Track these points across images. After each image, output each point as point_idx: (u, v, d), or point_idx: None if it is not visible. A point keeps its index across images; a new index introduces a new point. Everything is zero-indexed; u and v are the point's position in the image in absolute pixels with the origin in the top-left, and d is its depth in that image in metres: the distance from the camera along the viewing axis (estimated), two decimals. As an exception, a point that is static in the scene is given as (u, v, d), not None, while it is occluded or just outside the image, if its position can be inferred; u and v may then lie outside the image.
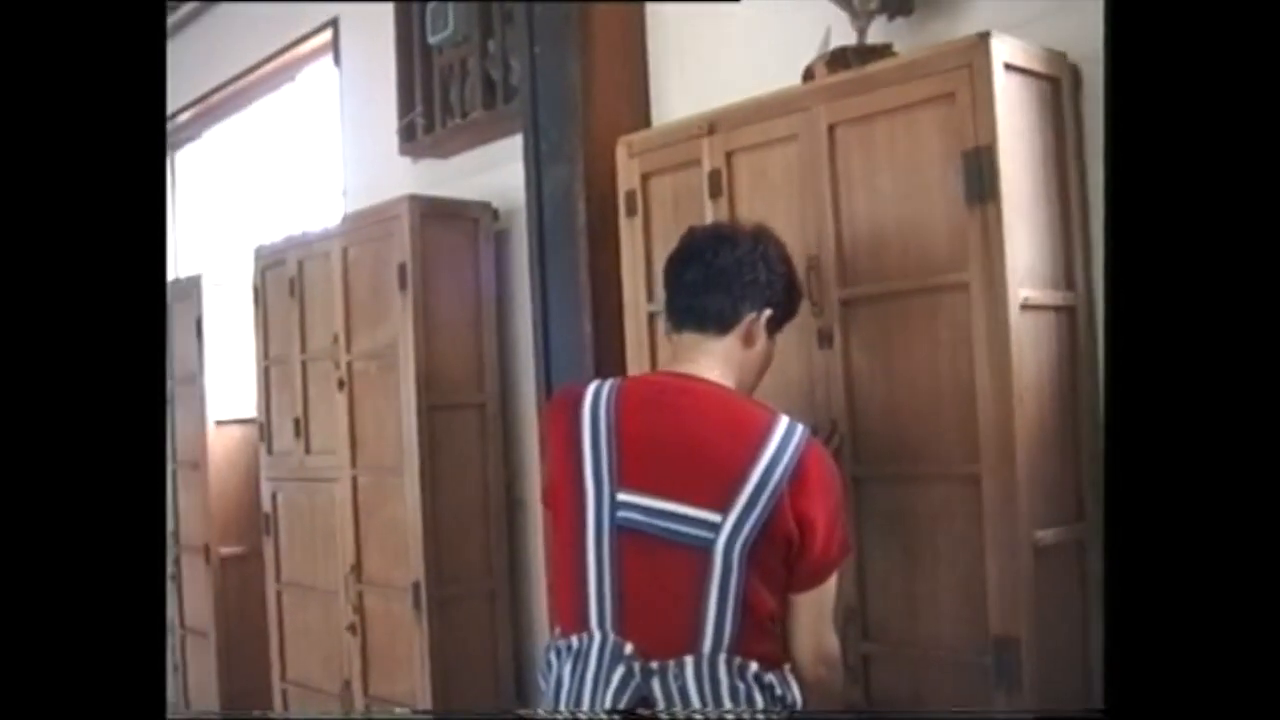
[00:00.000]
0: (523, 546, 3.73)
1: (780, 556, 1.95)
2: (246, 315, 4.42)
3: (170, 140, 6.14)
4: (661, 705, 1.90)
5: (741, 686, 1.92)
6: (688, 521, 1.93)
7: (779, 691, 1.96)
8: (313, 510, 4.08)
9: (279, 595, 4.29)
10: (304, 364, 4.06)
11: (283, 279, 4.13)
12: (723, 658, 1.91)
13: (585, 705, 1.95)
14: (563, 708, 1.99)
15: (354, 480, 3.83)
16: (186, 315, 4.94)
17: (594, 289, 3.17)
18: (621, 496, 1.97)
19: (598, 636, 1.96)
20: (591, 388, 2.07)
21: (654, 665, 1.92)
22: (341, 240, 3.85)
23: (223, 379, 4.83)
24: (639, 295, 2.88)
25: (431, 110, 3.93)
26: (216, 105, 5.62)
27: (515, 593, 3.74)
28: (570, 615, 2.02)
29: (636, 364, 2.86)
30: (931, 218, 2.29)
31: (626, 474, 1.97)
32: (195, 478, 4.93)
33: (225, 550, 4.82)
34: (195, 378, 4.88)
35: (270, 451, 4.30)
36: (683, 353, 2.10)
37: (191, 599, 5.03)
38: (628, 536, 1.96)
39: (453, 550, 3.62)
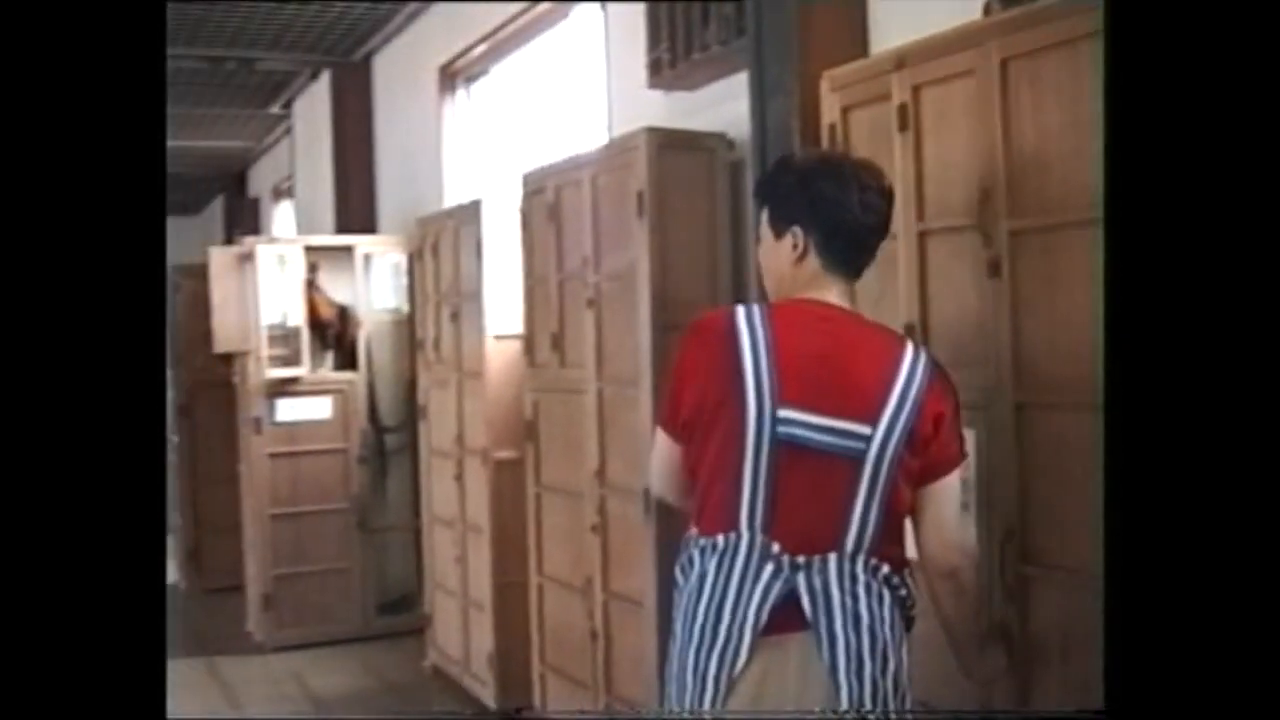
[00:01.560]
0: (747, 460, 3.93)
1: (916, 453, 2.19)
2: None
3: (465, 74, 6.60)
4: (806, 600, 2.16)
5: (874, 584, 2.18)
6: (843, 435, 2.17)
7: (903, 592, 2.22)
8: (566, 419, 4.41)
9: (538, 497, 4.66)
10: (560, 283, 4.38)
11: (543, 205, 4.45)
12: (861, 558, 2.17)
13: (731, 598, 2.19)
14: (705, 599, 2.22)
15: (599, 392, 4.13)
16: (470, 238, 5.34)
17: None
18: (782, 413, 2.18)
19: (746, 536, 2.19)
20: (741, 313, 2.27)
21: (800, 561, 2.16)
22: (591, 169, 4.12)
23: (501, 296, 5.20)
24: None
25: (675, 45, 4.12)
26: (502, 42, 6.00)
27: (740, 504, 3.95)
28: (718, 517, 2.23)
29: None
30: (1093, 151, 2.33)
31: (785, 391, 2.18)
32: (476, 387, 5.35)
33: (499, 454, 5.21)
34: (476, 295, 5.29)
35: (533, 364, 4.66)
36: (814, 282, 2.30)
37: (472, 497, 5.48)
38: (786, 448, 2.18)
39: (682, 460, 3.86)
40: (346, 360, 6.83)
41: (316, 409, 6.74)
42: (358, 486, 6.74)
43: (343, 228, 7.85)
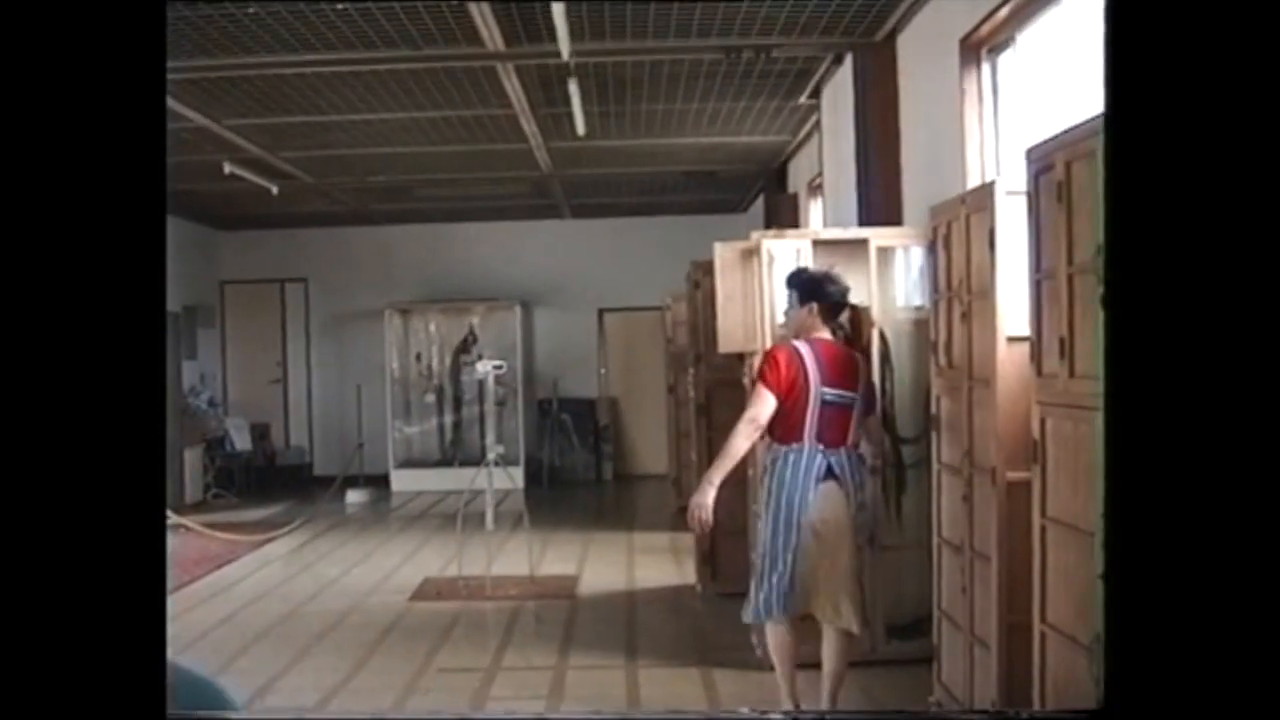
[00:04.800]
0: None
1: (867, 403, 5.33)
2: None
3: (989, 44, 5.92)
4: (835, 467, 5.13)
5: (854, 458, 5.21)
6: (844, 397, 5.14)
7: (866, 462, 5.38)
8: (1076, 440, 3.68)
9: (1043, 530, 3.96)
10: (1070, 277, 3.66)
11: (1051, 183, 3.75)
12: (849, 448, 5.19)
13: (804, 468, 5.10)
14: (793, 471, 5.11)
15: (1114, 410, 3.38)
16: (982, 225, 4.72)
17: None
18: (823, 389, 5.09)
19: (808, 444, 5.10)
20: (799, 345, 5.21)
21: (831, 451, 5.11)
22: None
23: (1017, 292, 4.53)
24: None
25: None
26: (1028, 3, 5.27)
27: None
28: (795, 436, 5.11)
29: None
30: None
31: (825, 380, 5.10)
32: (986, 396, 4.72)
33: (1013, 475, 4.55)
34: (988, 291, 4.66)
35: (1040, 373, 3.96)
36: (817, 327, 5.29)
37: (980, 521, 4.85)
38: (825, 405, 5.09)
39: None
40: (860, 363, 6.34)
41: (825, 413, 6.30)
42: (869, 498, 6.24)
43: (867, 219, 7.39)
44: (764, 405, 5.10)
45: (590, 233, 15.76)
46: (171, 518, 10.47)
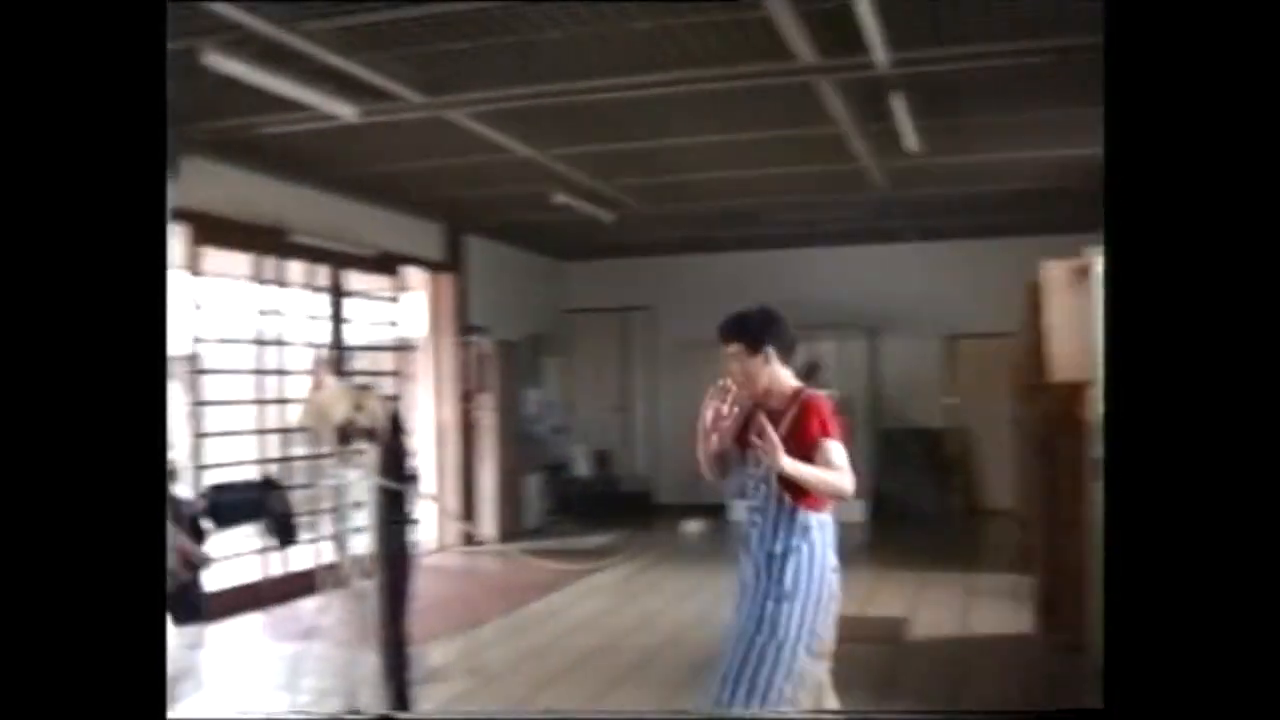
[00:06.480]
0: None
1: None
2: None
3: None
4: None
5: None
6: None
7: None
8: None
9: None
10: None
11: None
12: None
13: (831, 541, 4.35)
14: (824, 540, 4.35)
15: None
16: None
17: None
18: None
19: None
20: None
21: None
22: None
23: None
24: None
25: None
26: None
27: None
28: (826, 502, 4.27)
29: None
30: None
31: None
32: None
33: None
34: None
35: None
36: (779, 377, 4.42)
37: None
38: None
39: None
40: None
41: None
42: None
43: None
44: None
45: (935, 255, 15.12)
46: (504, 546, 10.64)
